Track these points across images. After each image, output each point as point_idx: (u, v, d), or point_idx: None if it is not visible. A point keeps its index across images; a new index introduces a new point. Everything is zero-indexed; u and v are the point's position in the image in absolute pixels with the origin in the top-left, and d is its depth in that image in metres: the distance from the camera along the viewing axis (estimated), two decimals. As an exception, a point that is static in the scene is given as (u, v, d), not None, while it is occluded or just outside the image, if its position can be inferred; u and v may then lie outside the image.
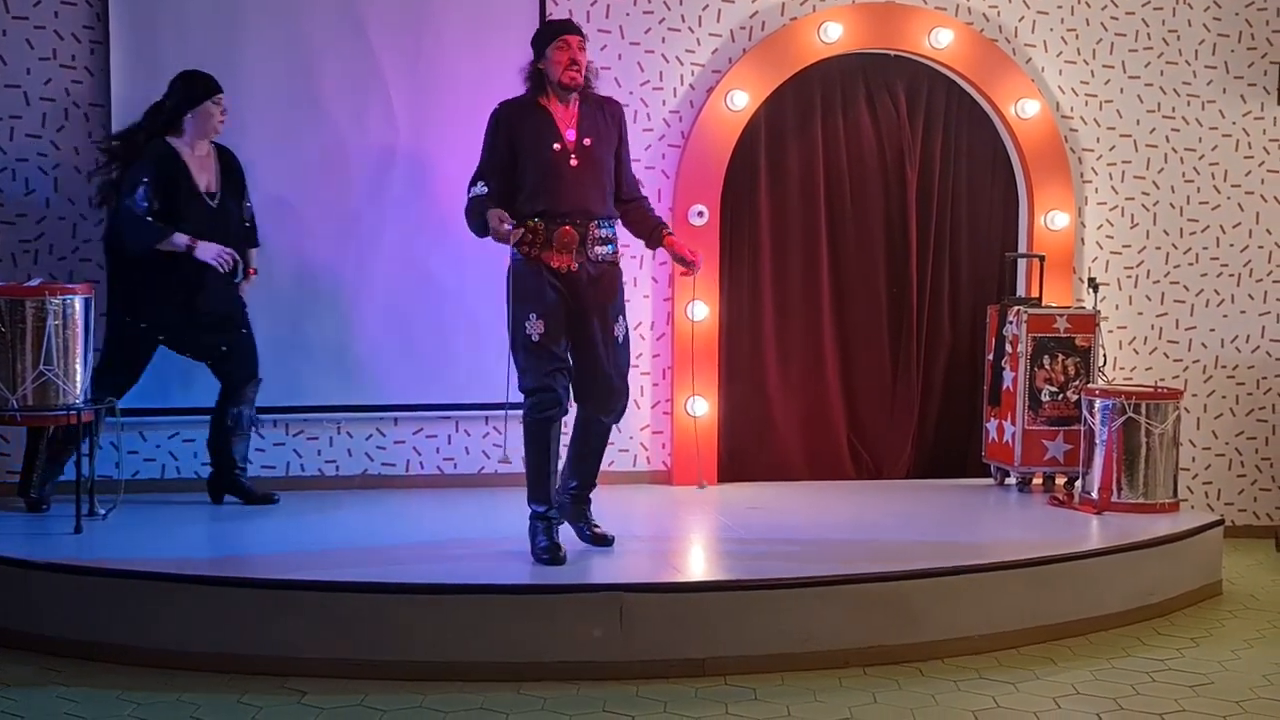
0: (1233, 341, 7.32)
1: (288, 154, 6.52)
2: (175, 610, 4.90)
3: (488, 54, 6.57)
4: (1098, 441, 6.34)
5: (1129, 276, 7.25)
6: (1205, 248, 7.29)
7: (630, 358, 5.53)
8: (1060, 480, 6.74)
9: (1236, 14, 7.23)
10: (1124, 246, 7.24)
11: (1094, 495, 6.33)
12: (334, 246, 6.59)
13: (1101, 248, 7.23)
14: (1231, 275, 7.30)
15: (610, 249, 5.37)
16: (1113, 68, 7.18)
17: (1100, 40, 7.17)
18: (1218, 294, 7.30)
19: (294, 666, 4.80)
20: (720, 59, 6.91)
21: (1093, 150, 7.20)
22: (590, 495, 5.55)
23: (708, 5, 6.90)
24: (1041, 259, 7.00)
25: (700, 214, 6.79)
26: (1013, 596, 5.31)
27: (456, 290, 6.63)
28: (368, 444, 6.74)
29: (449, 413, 6.75)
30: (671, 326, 6.89)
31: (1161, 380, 7.13)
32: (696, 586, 5.07)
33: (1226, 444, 7.36)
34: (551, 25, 5.54)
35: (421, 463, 6.79)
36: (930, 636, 5.13)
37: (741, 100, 6.83)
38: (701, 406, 6.86)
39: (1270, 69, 7.25)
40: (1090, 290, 6.84)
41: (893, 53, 7.06)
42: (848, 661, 4.99)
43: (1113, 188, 7.22)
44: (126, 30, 6.37)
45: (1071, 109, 7.17)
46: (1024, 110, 7.03)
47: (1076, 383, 6.69)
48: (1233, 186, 7.28)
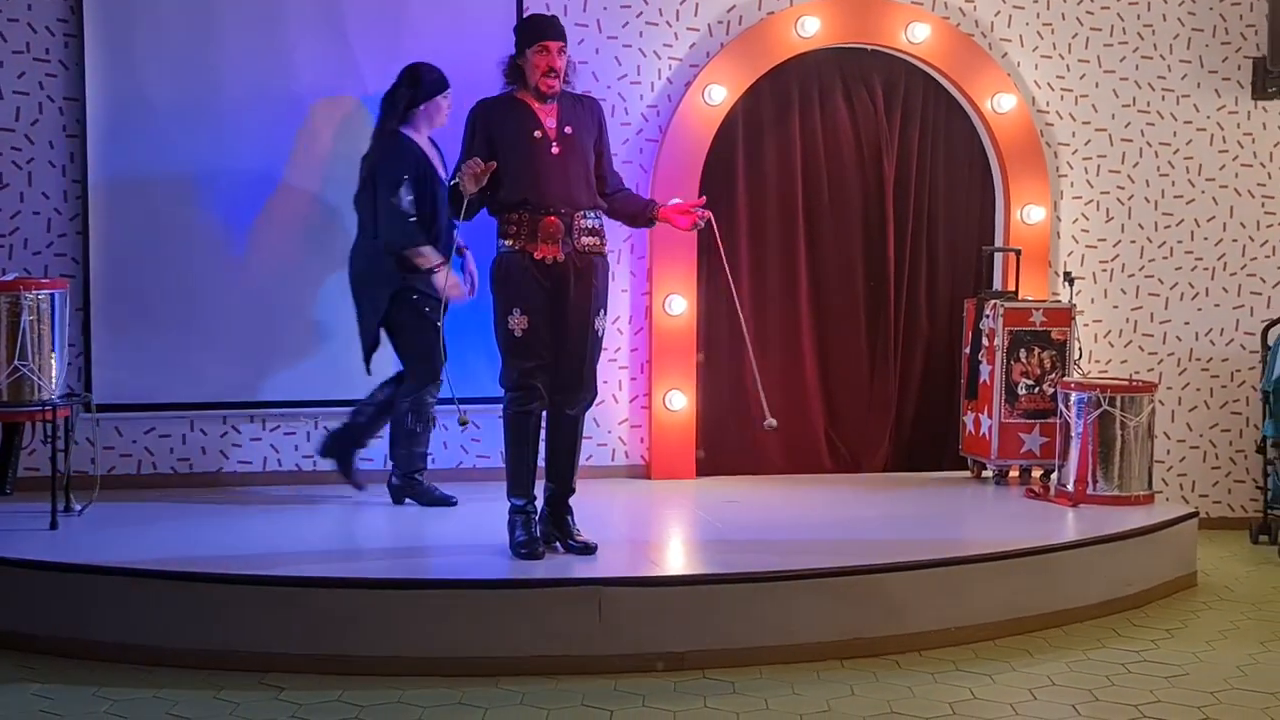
0: (1207, 335, 7.37)
1: (264, 148, 6.48)
2: (152, 606, 4.89)
3: (465, 51, 6.53)
4: (1073, 434, 6.37)
5: (1104, 270, 7.28)
6: (1180, 241, 7.33)
7: (601, 352, 5.50)
8: (1036, 473, 6.77)
9: (1211, 9, 7.27)
10: (1099, 240, 7.28)
11: (1070, 488, 6.36)
12: (311, 241, 6.56)
13: (1077, 241, 7.26)
14: (1206, 269, 7.35)
15: (596, 240, 5.31)
16: (1088, 62, 7.21)
17: (1076, 35, 7.20)
18: (1192, 287, 7.35)
19: (271, 662, 4.80)
20: (698, 53, 6.92)
21: (1068, 144, 7.23)
22: (570, 503, 5.42)
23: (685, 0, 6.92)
24: (1018, 253, 7.03)
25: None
26: (989, 589, 5.33)
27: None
28: (345, 439, 6.72)
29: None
30: (649, 320, 6.90)
31: (1136, 373, 7.17)
32: (675, 580, 5.07)
33: (1201, 436, 7.40)
34: (536, 26, 5.37)
35: (399, 457, 6.77)
36: (908, 629, 5.15)
37: (719, 95, 6.83)
38: (679, 401, 6.87)
39: (1244, 63, 7.29)
40: (1066, 284, 6.87)
41: (869, 47, 7.07)
42: (825, 654, 5.00)
43: (1088, 182, 7.25)
44: (101, 24, 6.34)
45: (1047, 103, 7.20)
46: (1000, 105, 7.06)
47: (1052, 376, 6.72)
48: (1207, 180, 7.32)
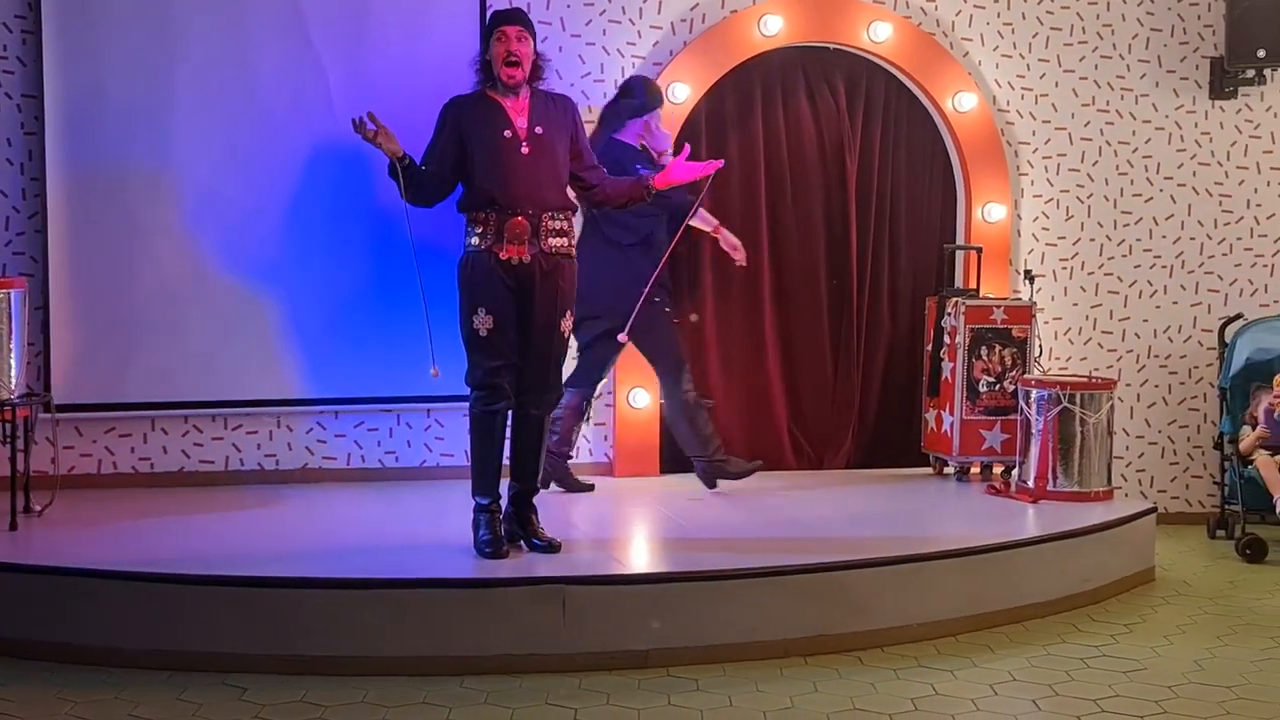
0: (1165, 332, 7.44)
1: (225, 146, 6.45)
2: (113, 607, 4.86)
3: (428, 46, 6.54)
4: (1034, 431, 6.43)
5: (1064, 268, 7.34)
6: (1139, 239, 7.40)
7: (567, 352, 5.50)
8: (998, 469, 6.83)
9: (1169, 9, 7.34)
10: (1059, 238, 7.34)
11: (1030, 484, 6.41)
12: (272, 239, 6.53)
13: (1037, 239, 7.32)
14: (1164, 267, 7.42)
15: (564, 241, 5.29)
16: (1048, 62, 7.27)
17: (1036, 34, 7.25)
18: (1151, 285, 7.42)
19: (234, 662, 4.78)
20: (661, 51, 6.93)
21: (1029, 143, 7.28)
22: (534, 502, 5.44)
23: (648, -3, 6.92)
24: (979, 251, 7.08)
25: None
26: (951, 585, 5.37)
27: (396, 282, 6.59)
28: (308, 437, 6.70)
29: (390, 405, 6.71)
30: (613, 319, 6.90)
31: (1096, 370, 7.24)
32: (639, 579, 5.08)
33: (1159, 432, 7.48)
34: (493, 16, 5.41)
35: (363, 456, 6.76)
36: (871, 626, 5.18)
37: (682, 93, 6.84)
38: (643, 399, 6.88)
39: (1202, 63, 7.37)
40: (1026, 282, 6.92)
41: (832, 46, 7.10)
42: (789, 651, 5.03)
43: (1048, 180, 7.31)
44: (60, 20, 6.28)
45: (1008, 102, 7.25)
46: (961, 104, 7.10)
47: (1013, 373, 6.77)
48: (1165, 179, 7.39)
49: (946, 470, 6.99)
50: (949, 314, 6.87)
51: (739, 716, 4.47)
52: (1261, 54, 7.05)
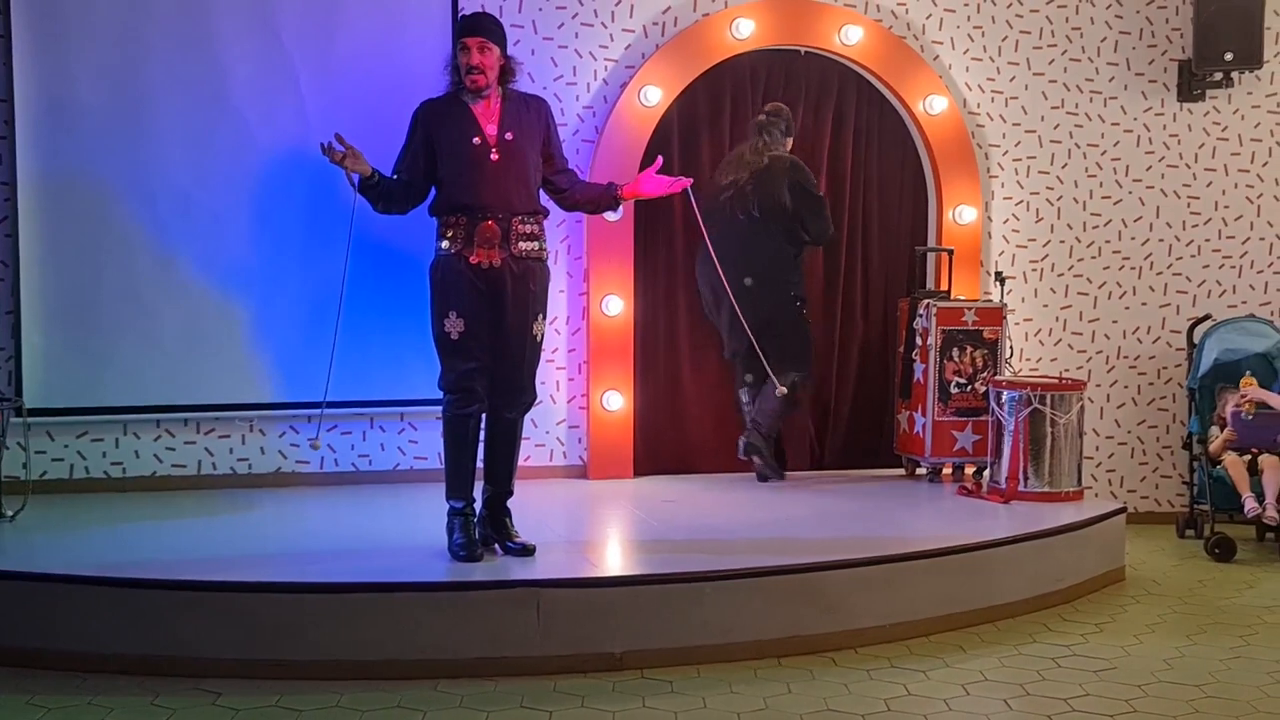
0: (1134, 333, 7.50)
1: (197, 150, 6.43)
2: (86, 613, 4.84)
3: (400, 51, 6.54)
4: (1005, 432, 6.47)
5: (1034, 270, 7.39)
6: (1108, 241, 7.45)
7: (541, 356, 5.52)
8: (969, 470, 6.87)
9: (1137, 12, 7.39)
10: (1029, 240, 7.39)
11: (1002, 485, 6.46)
12: (244, 244, 6.51)
13: (1008, 241, 7.37)
14: (1133, 268, 7.48)
15: (535, 245, 5.30)
16: (1018, 65, 7.32)
17: (1005, 38, 7.30)
18: (1120, 286, 7.47)
19: (208, 668, 4.76)
20: (633, 54, 6.94)
21: (999, 146, 7.33)
22: (508, 505, 5.45)
23: (620, 1, 6.92)
24: (950, 253, 7.12)
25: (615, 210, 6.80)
26: (924, 586, 5.40)
27: (370, 287, 6.59)
28: (281, 441, 6.69)
29: (363, 410, 6.71)
30: (587, 321, 6.91)
31: (1066, 371, 7.29)
32: (613, 581, 5.09)
33: (1129, 433, 7.54)
34: (460, 24, 5.38)
35: (336, 460, 6.75)
36: (844, 626, 5.20)
37: (655, 96, 6.86)
38: (617, 401, 6.89)
39: (1170, 66, 7.43)
40: (997, 283, 6.96)
41: (804, 49, 7.13)
42: (763, 653, 5.05)
43: (1018, 182, 7.36)
44: (30, 23, 6.24)
45: (978, 105, 7.30)
46: (932, 106, 7.14)
47: (984, 374, 6.81)
48: (1134, 181, 7.45)
49: (919, 471, 7.03)
50: (921, 315, 6.90)
51: (713, 718, 4.48)
52: (1229, 57, 7.13)
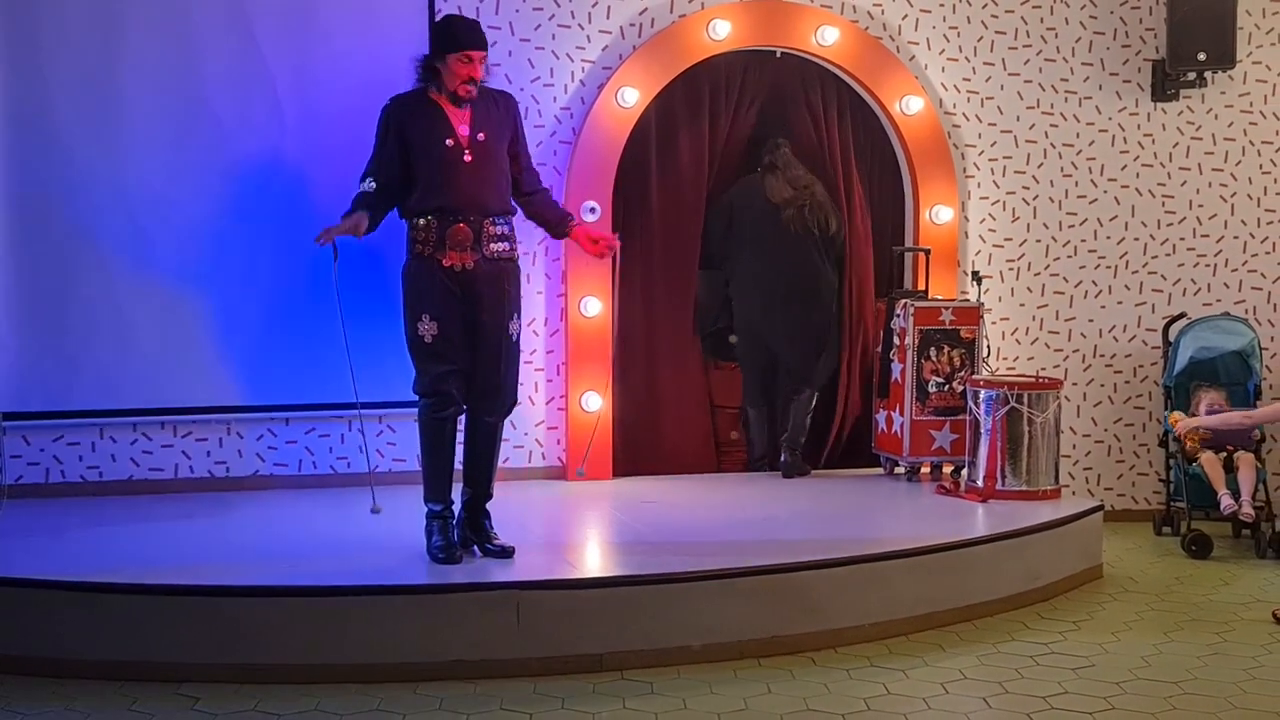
0: (1110, 331, 7.53)
1: (171, 152, 6.41)
2: (62, 618, 4.82)
3: (375, 52, 6.51)
4: (982, 431, 6.49)
5: (1011, 269, 7.42)
6: (1084, 240, 7.48)
7: (520, 356, 5.52)
8: (947, 469, 6.89)
9: (1112, 12, 7.42)
10: (1006, 240, 7.41)
11: (979, 484, 6.48)
12: (219, 246, 6.48)
13: (985, 241, 7.39)
14: (1109, 267, 7.51)
15: (507, 245, 5.32)
16: (993, 65, 7.34)
17: (981, 38, 7.32)
18: (1096, 285, 7.50)
19: (186, 672, 4.75)
20: (610, 56, 6.94)
21: (975, 146, 7.35)
22: (487, 507, 5.45)
23: (597, 2, 6.91)
24: (927, 253, 7.14)
25: (593, 210, 6.81)
26: (903, 585, 5.42)
27: (347, 288, 6.55)
28: (259, 444, 6.66)
29: (341, 412, 6.68)
30: (565, 322, 6.91)
31: (1043, 370, 7.32)
32: (592, 583, 5.10)
33: (1105, 431, 7.57)
34: (461, 32, 5.25)
35: (314, 462, 6.73)
36: (823, 626, 5.22)
37: (632, 97, 6.86)
38: (595, 402, 6.89)
39: (1144, 66, 7.46)
40: (974, 283, 6.99)
41: (780, 50, 7.14)
42: (743, 653, 5.06)
43: (994, 182, 7.38)
44: (3, 25, 6.21)
45: (954, 105, 7.32)
46: (908, 107, 7.16)
47: (962, 374, 6.83)
48: (1109, 180, 7.48)
49: (897, 470, 7.04)
50: (898, 315, 6.92)
51: (693, 719, 4.49)
52: (1202, 57, 7.16)
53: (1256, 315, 7.55)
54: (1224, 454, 6.79)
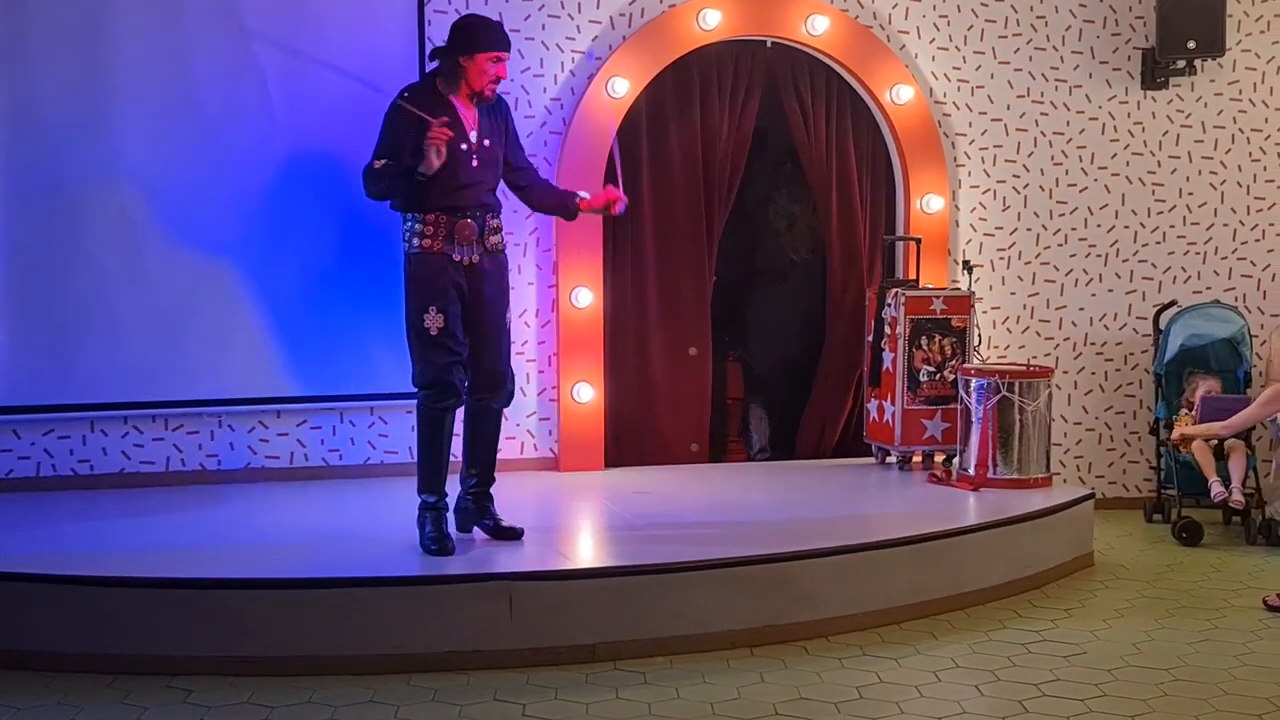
0: (1101, 320, 7.54)
1: (162, 145, 6.38)
2: (55, 612, 4.81)
3: (364, 45, 6.50)
4: (974, 420, 6.50)
5: (1001, 258, 7.42)
6: (1074, 229, 7.49)
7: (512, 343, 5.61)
8: (939, 458, 6.90)
9: (1101, 1, 7.42)
10: (996, 228, 7.42)
11: (971, 472, 6.49)
12: (211, 237, 6.46)
13: (975, 230, 7.39)
14: (1099, 255, 7.52)
15: (499, 237, 5.46)
16: (983, 54, 7.34)
17: (971, 27, 7.32)
18: (1086, 273, 7.51)
19: (179, 665, 4.75)
20: (600, 46, 6.93)
21: (965, 135, 7.35)
22: (491, 490, 5.54)
23: (587, -8, 6.92)
24: (918, 242, 7.14)
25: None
26: (895, 574, 5.43)
27: (338, 280, 6.56)
28: (250, 437, 6.65)
29: (333, 404, 6.68)
30: (556, 313, 6.91)
31: (1034, 358, 7.33)
32: (585, 573, 5.11)
33: (1096, 419, 7.58)
34: (494, 35, 5.36)
35: (306, 455, 6.72)
36: (816, 615, 5.22)
37: (622, 87, 6.85)
38: (587, 393, 6.89)
39: (1134, 54, 7.47)
40: (965, 272, 7.00)
41: (770, 40, 7.13)
42: (736, 643, 5.06)
43: (985, 171, 7.39)
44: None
45: (944, 94, 7.32)
46: (899, 96, 7.16)
47: (953, 362, 6.84)
48: (1099, 169, 7.49)
49: (889, 460, 7.05)
50: (889, 304, 6.93)
51: (686, 709, 4.49)
52: (1191, 45, 7.16)
53: (1246, 303, 7.57)
54: (1214, 441, 6.80)
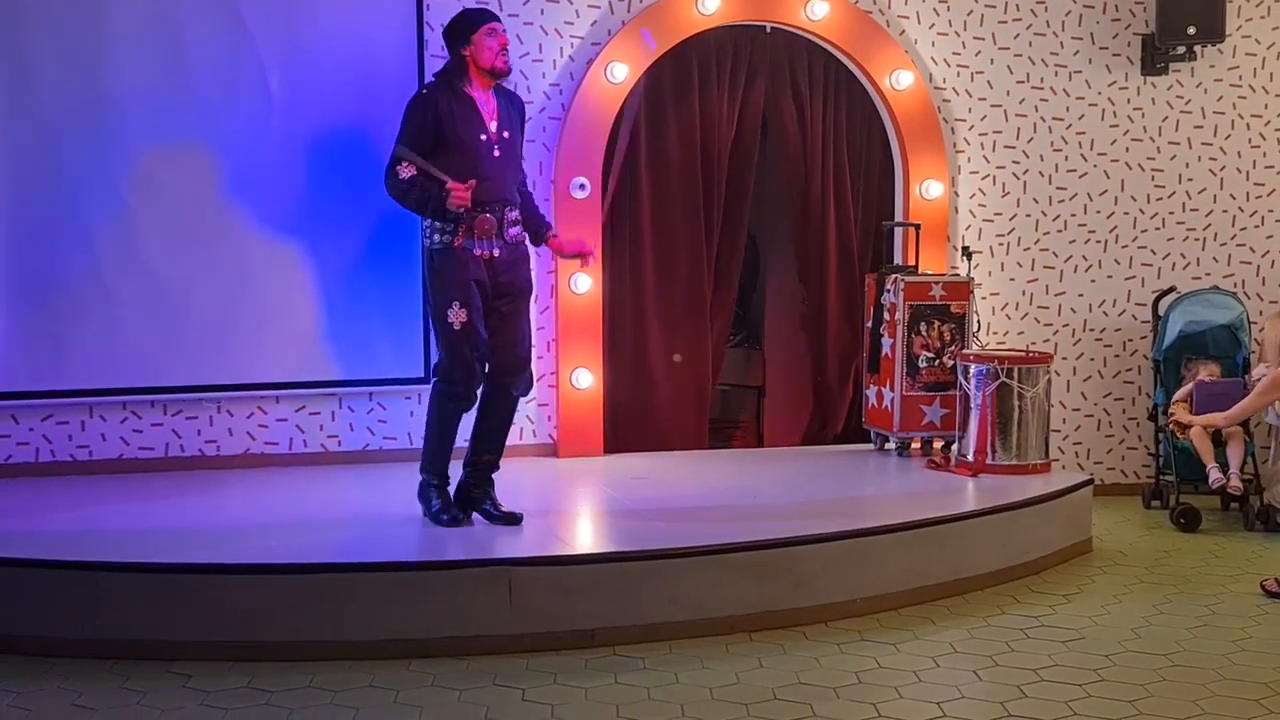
0: (1100, 306, 7.54)
1: (159, 132, 6.36)
2: (54, 597, 4.82)
3: (361, 32, 6.48)
4: (973, 406, 6.50)
5: (1001, 244, 7.42)
6: (1073, 215, 7.48)
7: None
8: (938, 444, 6.90)
9: (1101, -14, 7.43)
10: (996, 214, 7.41)
11: (970, 458, 6.49)
12: (207, 225, 6.45)
13: (975, 216, 7.39)
14: (1099, 241, 7.51)
15: (519, 229, 5.51)
16: (983, 39, 7.33)
17: (971, 12, 7.30)
18: (1085, 260, 7.51)
19: (179, 650, 4.75)
20: (599, 31, 6.91)
21: (965, 120, 7.34)
22: (493, 476, 5.57)
23: (586, -23, 6.90)
24: (917, 227, 7.13)
25: (582, 186, 6.80)
26: (894, 559, 5.43)
27: (335, 267, 6.56)
28: (249, 423, 6.65)
29: (331, 389, 6.68)
30: (555, 299, 6.90)
31: (1033, 344, 7.33)
32: (584, 559, 5.11)
33: (1095, 405, 7.58)
34: (474, 13, 5.50)
35: (305, 440, 6.72)
36: (814, 601, 5.23)
37: (621, 72, 6.84)
38: (586, 379, 6.89)
39: (1134, 40, 7.45)
40: (964, 258, 6.98)
41: (770, 25, 7.11)
42: (734, 628, 5.07)
43: (984, 157, 7.38)
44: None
45: (944, 80, 7.31)
46: (898, 81, 7.14)
47: (952, 348, 6.84)
48: (1099, 155, 7.48)
49: (888, 446, 7.05)
50: (888, 290, 6.92)
51: (685, 694, 4.50)
52: (1191, 31, 7.15)
53: (1245, 289, 7.57)
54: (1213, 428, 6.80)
